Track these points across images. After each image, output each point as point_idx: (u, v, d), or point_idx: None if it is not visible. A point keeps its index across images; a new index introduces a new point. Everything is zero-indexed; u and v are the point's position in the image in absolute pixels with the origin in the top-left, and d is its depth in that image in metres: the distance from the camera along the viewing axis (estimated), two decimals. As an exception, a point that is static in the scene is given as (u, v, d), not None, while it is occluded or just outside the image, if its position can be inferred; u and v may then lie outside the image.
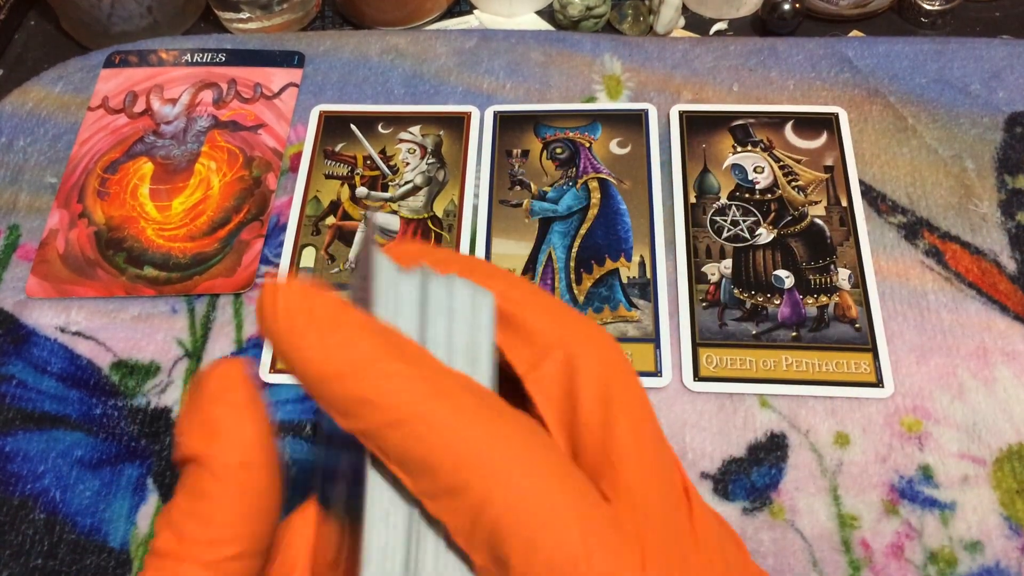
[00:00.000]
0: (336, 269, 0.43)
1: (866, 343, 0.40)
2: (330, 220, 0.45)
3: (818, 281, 0.41)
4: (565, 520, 0.16)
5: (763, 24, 0.53)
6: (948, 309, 0.41)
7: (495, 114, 0.48)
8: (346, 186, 0.46)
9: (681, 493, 0.19)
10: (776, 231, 0.43)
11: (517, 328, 0.20)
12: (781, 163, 0.45)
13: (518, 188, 0.45)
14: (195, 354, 0.41)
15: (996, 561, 0.35)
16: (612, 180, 0.45)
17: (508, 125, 0.47)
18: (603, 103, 0.48)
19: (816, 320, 0.40)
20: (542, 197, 0.45)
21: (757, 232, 0.43)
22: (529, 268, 0.42)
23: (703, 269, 0.42)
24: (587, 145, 0.46)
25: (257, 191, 0.46)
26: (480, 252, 0.43)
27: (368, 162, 0.47)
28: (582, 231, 0.43)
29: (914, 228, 0.43)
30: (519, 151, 0.46)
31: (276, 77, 0.50)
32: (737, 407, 0.39)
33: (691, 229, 0.43)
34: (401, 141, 0.47)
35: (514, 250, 0.43)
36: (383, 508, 0.17)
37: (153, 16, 0.53)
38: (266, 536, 0.19)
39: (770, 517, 0.36)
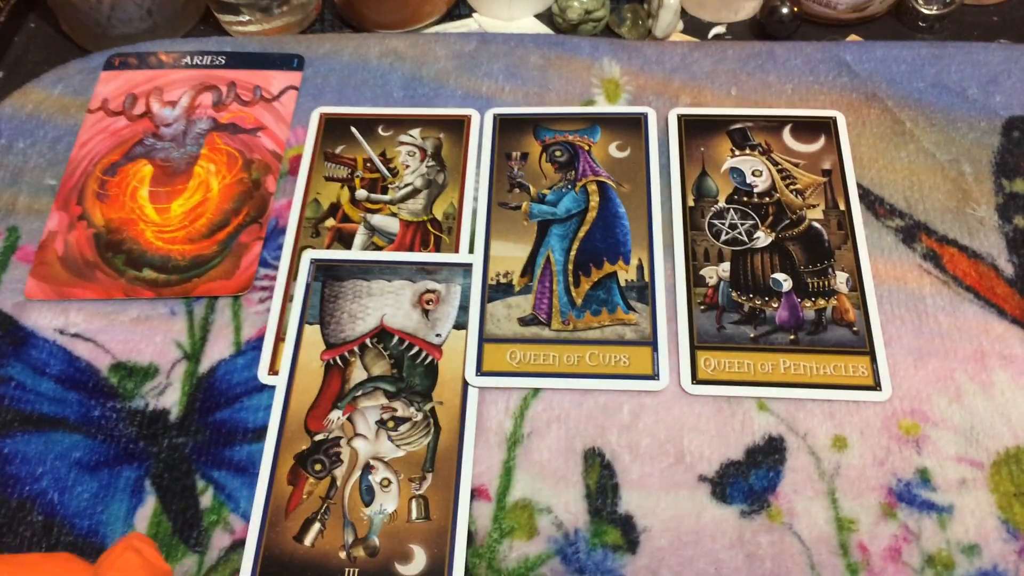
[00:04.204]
0: (335, 271, 0.43)
1: (864, 346, 0.40)
2: (330, 222, 0.45)
3: (816, 284, 0.41)
4: None
5: (761, 28, 0.53)
6: (946, 312, 0.41)
7: (495, 117, 0.48)
8: (346, 188, 0.46)
9: None
10: (774, 234, 0.43)
11: None
12: (779, 167, 0.45)
13: (517, 191, 0.45)
14: (194, 356, 0.41)
15: (994, 564, 0.35)
16: (611, 183, 0.45)
17: (507, 128, 0.47)
18: (602, 107, 0.48)
19: (814, 323, 0.40)
20: (541, 200, 0.45)
21: (755, 235, 0.43)
22: (527, 270, 0.42)
23: (701, 272, 0.42)
24: (586, 148, 0.46)
25: (256, 193, 0.46)
26: (479, 254, 0.43)
27: (368, 164, 0.47)
28: (580, 234, 0.44)
29: (912, 232, 0.43)
30: (518, 154, 0.46)
31: (275, 80, 0.50)
32: (735, 410, 0.39)
33: (689, 232, 0.43)
34: (401, 144, 0.47)
35: (512, 252, 0.43)
36: None
37: (153, 19, 0.53)
38: None
39: (768, 520, 0.36)
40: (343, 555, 0.36)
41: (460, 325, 0.41)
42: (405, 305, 0.41)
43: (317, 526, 0.36)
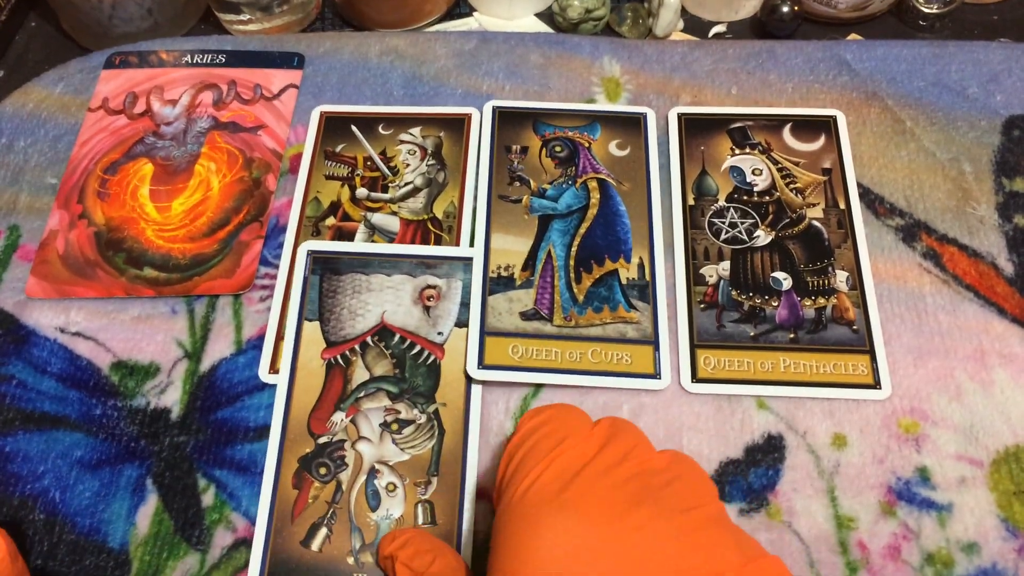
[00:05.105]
0: (336, 270, 0.43)
1: (864, 345, 0.40)
2: (330, 221, 0.45)
3: (816, 283, 0.42)
4: None
5: (762, 27, 0.53)
6: (946, 311, 0.41)
7: (493, 109, 0.48)
8: (346, 187, 0.46)
9: None
10: (774, 233, 0.43)
11: None
12: (779, 165, 0.45)
13: (517, 184, 0.45)
14: (195, 355, 0.41)
15: (993, 563, 0.35)
16: (611, 181, 0.45)
17: (507, 121, 0.47)
18: (602, 105, 0.48)
19: (814, 322, 0.40)
20: (541, 194, 0.45)
21: (755, 234, 0.43)
22: (528, 265, 0.42)
23: (701, 271, 0.42)
24: (586, 145, 0.46)
25: (257, 192, 0.46)
26: (479, 246, 0.43)
27: (368, 163, 0.47)
28: (581, 230, 0.44)
29: (912, 230, 0.43)
30: (518, 147, 0.46)
31: (276, 78, 0.50)
32: (735, 409, 0.39)
33: (689, 231, 0.43)
34: (402, 142, 0.47)
35: (513, 246, 0.43)
36: None
37: (154, 17, 0.53)
38: None
39: (767, 518, 0.36)
40: (351, 560, 0.36)
41: (461, 323, 0.41)
42: (406, 301, 0.41)
43: (324, 531, 0.36)
